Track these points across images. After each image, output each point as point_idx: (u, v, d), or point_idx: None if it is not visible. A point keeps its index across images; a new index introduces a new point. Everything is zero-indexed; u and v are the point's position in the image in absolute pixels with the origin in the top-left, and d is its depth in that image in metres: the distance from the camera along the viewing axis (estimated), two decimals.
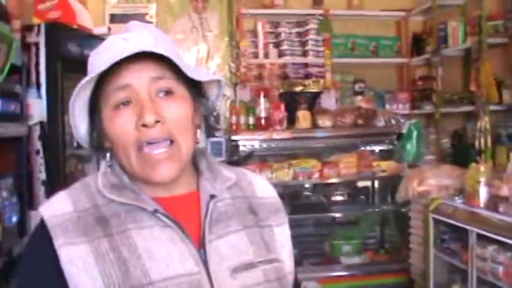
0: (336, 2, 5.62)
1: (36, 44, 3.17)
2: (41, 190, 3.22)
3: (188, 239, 1.15)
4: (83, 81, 1.12)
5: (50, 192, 3.12)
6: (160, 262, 1.12)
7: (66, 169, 3.45)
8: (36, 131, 3.20)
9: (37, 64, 3.18)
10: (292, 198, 5.08)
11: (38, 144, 3.20)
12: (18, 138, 3.03)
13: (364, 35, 5.73)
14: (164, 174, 1.15)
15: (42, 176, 3.22)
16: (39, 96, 3.19)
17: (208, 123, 5.55)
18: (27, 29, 3.15)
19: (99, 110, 1.18)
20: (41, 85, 3.21)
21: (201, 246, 1.16)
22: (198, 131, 1.22)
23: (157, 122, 1.13)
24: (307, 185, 5.11)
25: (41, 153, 3.21)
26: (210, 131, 5.47)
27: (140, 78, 1.14)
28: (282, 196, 4.26)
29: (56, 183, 3.25)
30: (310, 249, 4.94)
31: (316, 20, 5.55)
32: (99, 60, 1.14)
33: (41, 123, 3.21)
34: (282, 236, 1.28)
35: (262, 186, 1.34)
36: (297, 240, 4.88)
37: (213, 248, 1.16)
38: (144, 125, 1.12)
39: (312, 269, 4.70)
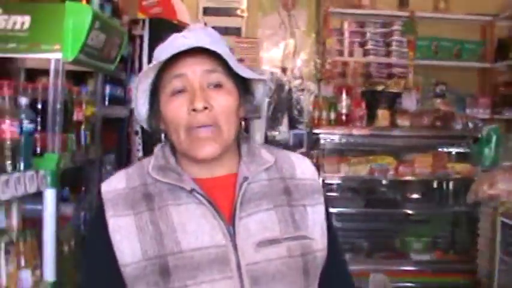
0: (421, 4, 5.66)
1: (141, 37, 3.52)
2: None
3: (219, 215, 1.29)
4: (146, 68, 1.30)
5: None
6: (191, 234, 1.27)
7: None
8: None
9: (140, 55, 3.53)
10: (367, 192, 5.26)
11: (137, 126, 3.56)
12: (121, 119, 3.40)
13: (448, 37, 5.76)
14: (207, 152, 1.30)
15: (139, 154, 3.57)
16: None
17: (292, 116, 5.80)
18: (133, 22, 3.50)
19: (158, 95, 1.34)
20: None
21: (231, 222, 1.30)
22: (242, 122, 1.43)
23: (206, 108, 1.27)
24: (384, 182, 5.27)
25: (139, 134, 3.56)
26: (293, 124, 5.71)
27: (194, 70, 1.29)
28: (357, 190, 4.45)
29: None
30: (381, 243, 5.09)
31: (401, 22, 5.65)
32: (162, 52, 1.31)
33: None
34: (315, 215, 1.38)
35: (303, 168, 1.44)
36: (369, 233, 5.11)
37: (242, 224, 1.30)
38: (194, 110, 1.27)
39: (381, 262, 4.86)
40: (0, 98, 1.90)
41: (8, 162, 1.90)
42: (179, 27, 3.85)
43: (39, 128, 2.18)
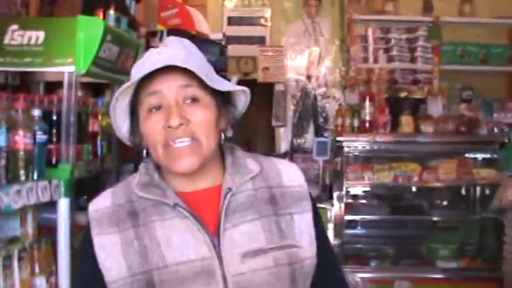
0: (446, 9, 5.64)
1: None
2: None
3: (204, 228, 1.30)
4: (121, 89, 1.31)
5: None
6: (176, 249, 1.28)
7: None
8: None
9: None
10: (392, 199, 5.24)
11: None
12: None
13: (474, 42, 5.71)
14: (185, 165, 1.30)
15: None
16: None
17: (318, 124, 5.81)
18: (151, 34, 3.57)
19: (137, 112, 1.35)
20: None
21: (216, 234, 1.30)
22: (223, 134, 1.42)
23: (181, 124, 1.28)
24: (413, 188, 5.24)
25: None
26: (319, 131, 5.73)
27: (169, 86, 1.30)
28: (382, 197, 4.43)
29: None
30: (407, 250, 5.05)
31: (425, 27, 5.63)
32: (137, 70, 1.33)
33: None
34: (302, 222, 1.38)
35: (290, 175, 1.43)
36: (394, 240, 5.08)
37: (227, 235, 1.30)
38: (169, 127, 1.28)
39: (407, 269, 4.82)
40: (14, 111, 1.98)
41: (22, 172, 1.98)
42: (197, 37, 3.91)
43: (54, 139, 2.25)
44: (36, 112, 2.09)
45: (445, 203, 5.30)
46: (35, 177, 2.03)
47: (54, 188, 2.12)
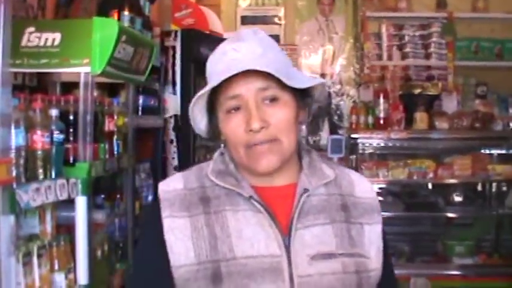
0: (460, 5, 5.62)
1: (173, 48, 3.64)
2: (173, 175, 3.67)
3: (276, 225, 1.28)
4: (199, 94, 1.30)
5: None
6: (246, 242, 1.27)
7: (195, 157, 3.90)
8: (171, 123, 3.67)
9: (173, 65, 3.65)
10: (408, 196, 5.23)
11: (172, 135, 3.67)
12: (155, 129, 3.51)
13: (489, 37, 5.68)
14: (266, 166, 1.29)
15: (175, 162, 3.68)
16: (174, 93, 3.65)
17: (332, 121, 5.82)
18: (165, 34, 3.61)
19: (215, 110, 1.35)
20: (176, 83, 3.67)
21: (287, 233, 1.29)
22: (303, 127, 1.43)
23: (262, 127, 1.27)
24: (428, 185, 5.24)
25: (175, 143, 3.67)
26: (333, 129, 5.74)
27: (248, 88, 1.28)
28: (396, 193, 4.43)
29: (186, 169, 3.69)
30: (423, 247, 5.05)
31: (439, 23, 5.61)
32: (214, 68, 1.32)
33: (175, 116, 3.67)
34: (372, 234, 1.37)
35: (362, 187, 1.42)
36: (410, 237, 5.08)
37: (298, 235, 1.29)
38: (251, 130, 1.27)
39: (423, 266, 4.83)
40: (32, 111, 2.02)
41: (40, 170, 2.01)
42: (211, 37, 3.95)
43: (71, 138, 2.28)
44: (54, 112, 2.13)
45: (460, 199, 5.27)
46: (53, 176, 2.07)
47: (72, 187, 2.15)
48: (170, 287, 1.30)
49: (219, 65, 1.30)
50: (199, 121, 1.39)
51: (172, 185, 1.37)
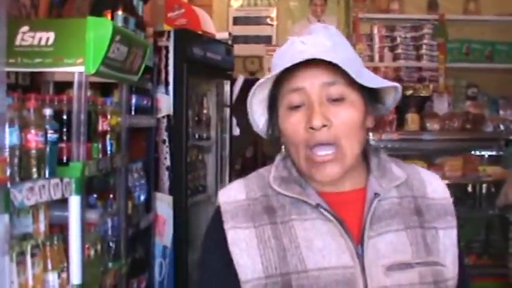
0: (451, 7, 5.68)
1: (166, 48, 3.64)
2: (165, 175, 3.69)
3: (347, 234, 1.19)
4: (259, 82, 1.22)
5: (174, 176, 3.60)
6: (317, 253, 1.17)
7: (188, 158, 3.91)
8: (164, 123, 3.67)
9: (166, 65, 3.65)
10: None
11: (164, 135, 3.67)
12: (148, 129, 3.52)
13: (479, 40, 5.74)
14: (327, 176, 1.20)
15: (167, 162, 3.68)
16: (167, 93, 3.65)
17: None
18: (158, 34, 3.62)
19: (276, 107, 1.25)
20: (169, 83, 3.67)
21: (359, 241, 1.19)
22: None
23: (324, 126, 1.17)
24: None
25: (167, 143, 3.67)
26: None
27: (313, 82, 1.19)
28: None
29: (178, 169, 3.71)
30: None
31: (431, 25, 5.65)
32: (278, 60, 1.22)
33: (168, 116, 3.67)
34: (447, 239, 1.25)
35: (434, 186, 1.31)
36: None
37: (371, 244, 1.19)
38: (311, 128, 1.17)
39: None
40: (26, 110, 2.02)
41: (34, 170, 2.01)
42: (203, 37, 3.96)
43: (64, 138, 2.28)
44: (48, 111, 2.13)
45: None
46: (47, 175, 2.07)
47: (66, 186, 2.15)
48: None
49: (284, 56, 1.21)
50: (258, 117, 1.30)
51: (233, 196, 1.28)
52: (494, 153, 5.13)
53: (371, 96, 1.25)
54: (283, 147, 1.32)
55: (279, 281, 1.17)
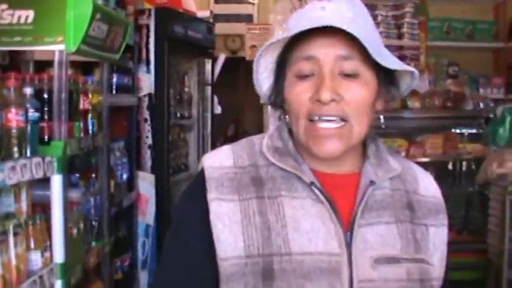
0: None
1: (147, 26, 3.61)
2: (147, 153, 3.68)
3: (338, 219, 1.12)
4: (269, 42, 1.13)
5: (155, 155, 3.60)
6: (303, 235, 1.10)
7: (169, 136, 3.90)
8: (145, 102, 3.65)
9: (147, 43, 3.63)
10: None
11: (146, 114, 3.66)
12: (129, 108, 3.50)
13: (460, 18, 5.75)
14: (326, 151, 1.11)
15: (149, 141, 3.68)
16: (148, 72, 3.63)
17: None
18: (139, 12, 3.59)
19: (284, 73, 1.16)
20: (150, 62, 3.65)
21: (348, 229, 1.12)
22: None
23: (333, 100, 1.08)
24: None
25: (149, 121, 3.67)
26: None
27: (327, 53, 1.10)
28: None
29: (160, 148, 3.71)
30: None
31: (412, 4, 5.64)
32: (294, 24, 1.13)
33: (149, 95, 3.66)
34: (437, 238, 1.20)
35: (426, 184, 1.26)
36: None
37: (361, 233, 1.12)
38: (318, 100, 1.09)
39: None
40: (6, 89, 2.00)
41: (15, 149, 2.00)
42: (184, 16, 3.93)
43: (46, 117, 2.27)
44: (28, 90, 2.11)
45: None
46: (28, 154, 2.06)
47: (48, 165, 2.15)
48: (212, 282, 1.13)
49: (301, 20, 1.11)
50: (262, 80, 1.21)
51: (219, 161, 1.18)
52: (474, 131, 5.18)
53: (386, 78, 1.16)
54: (281, 115, 1.23)
55: (260, 261, 1.09)
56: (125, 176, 3.29)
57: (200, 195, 1.14)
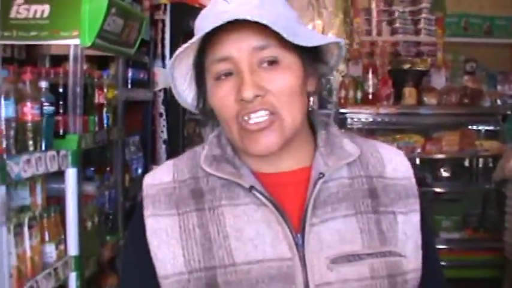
0: None
1: (163, 21, 3.62)
2: (162, 148, 3.70)
3: (285, 220, 1.03)
4: (176, 53, 1.03)
5: (171, 150, 3.61)
6: (247, 243, 1.02)
7: (185, 131, 3.91)
8: (160, 97, 3.67)
9: (162, 38, 3.64)
10: None
11: (161, 108, 3.67)
12: (145, 102, 3.52)
13: (478, 14, 5.72)
14: (262, 146, 1.02)
15: (164, 135, 3.69)
16: (164, 66, 3.64)
17: (321, 96, 5.83)
18: (155, 7, 3.60)
19: (204, 78, 1.08)
20: (165, 57, 3.66)
21: (300, 230, 1.03)
22: (311, 98, 1.10)
23: (257, 96, 1.00)
24: (417, 160, 5.28)
25: (164, 116, 3.68)
26: (322, 104, 5.76)
27: (240, 48, 1.01)
28: None
29: (175, 142, 3.72)
30: None
31: None
32: (200, 25, 1.04)
33: (165, 89, 3.67)
34: (407, 226, 1.08)
35: (395, 164, 1.12)
36: None
37: (314, 233, 1.03)
38: (242, 100, 1.01)
39: None
40: (22, 83, 2.02)
41: (30, 142, 2.02)
42: (200, 10, 3.93)
43: (61, 111, 2.29)
44: (43, 84, 2.13)
45: (448, 174, 5.35)
46: (43, 147, 2.08)
47: (62, 158, 2.16)
48: None
49: (205, 20, 1.02)
50: (183, 92, 1.12)
51: (159, 178, 1.12)
52: (491, 128, 5.14)
53: (311, 56, 1.07)
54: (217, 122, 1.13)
55: (203, 276, 1.02)
56: (140, 170, 3.30)
57: (140, 216, 1.09)
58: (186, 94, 1.12)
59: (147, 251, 1.05)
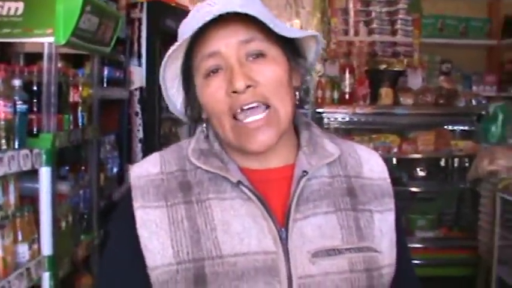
0: None
1: (139, 20, 3.61)
2: (138, 147, 3.68)
3: (270, 215, 1.08)
4: (169, 52, 1.06)
5: (146, 149, 3.59)
6: (234, 236, 1.06)
7: (161, 130, 3.90)
8: (136, 95, 3.65)
9: (139, 37, 3.62)
10: None
11: (137, 107, 3.65)
12: (120, 101, 3.50)
13: (454, 15, 5.78)
14: (261, 143, 1.07)
15: (140, 134, 3.67)
16: (140, 65, 3.63)
17: (299, 96, 5.85)
18: (132, 6, 3.58)
19: (193, 80, 1.12)
20: (141, 55, 3.65)
21: (284, 224, 1.08)
22: (297, 93, 1.16)
23: (249, 87, 1.05)
24: (393, 160, 5.32)
25: (140, 115, 3.66)
26: (300, 104, 5.77)
27: (228, 43, 1.06)
28: None
29: (151, 141, 3.71)
30: None
31: (406, 0, 5.67)
32: (185, 27, 1.09)
33: (141, 88, 3.65)
34: (383, 223, 1.14)
35: (372, 165, 1.19)
36: None
37: (297, 228, 1.08)
38: (234, 91, 1.04)
39: None
40: None
41: (3, 141, 1.99)
42: (177, 9, 3.93)
43: (35, 109, 2.27)
44: (17, 82, 2.10)
45: (423, 174, 5.39)
46: (16, 146, 2.05)
47: (36, 157, 2.14)
48: None
49: (191, 22, 1.07)
50: (174, 93, 1.16)
51: (146, 169, 1.14)
52: (466, 128, 5.21)
53: (293, 51, 1.14)
54: (204, 125, 1.18)
55: (191, 267, 1.05)
56: (115, 170, 3.28)
57: (128, 207, 1.11)
58: (175, 99, 1.16)
59: (136, 243, 1.08)
